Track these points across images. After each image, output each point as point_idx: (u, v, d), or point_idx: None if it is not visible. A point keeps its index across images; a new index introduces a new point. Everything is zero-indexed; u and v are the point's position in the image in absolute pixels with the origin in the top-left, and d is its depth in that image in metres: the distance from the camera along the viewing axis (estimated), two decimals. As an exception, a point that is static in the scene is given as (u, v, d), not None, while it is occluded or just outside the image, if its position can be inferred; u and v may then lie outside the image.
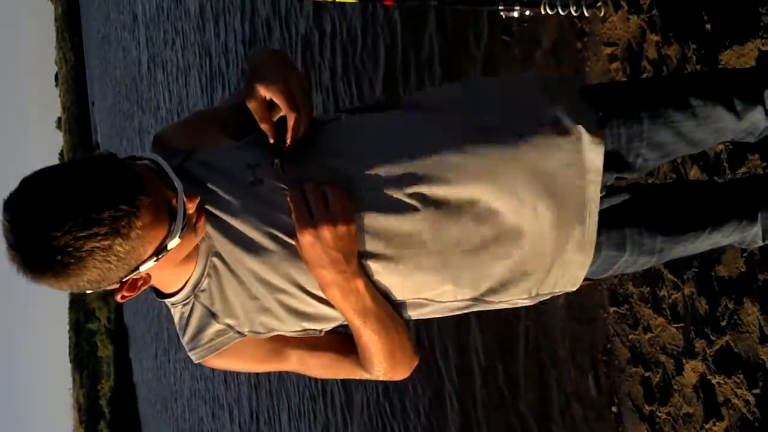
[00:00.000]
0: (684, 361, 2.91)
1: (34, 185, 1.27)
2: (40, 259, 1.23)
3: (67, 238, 1.21)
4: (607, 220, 1.58)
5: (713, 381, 2.73)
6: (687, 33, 2.84)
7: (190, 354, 1.51)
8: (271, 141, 1.45)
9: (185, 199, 1.35)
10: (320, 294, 1.46)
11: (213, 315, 1.48)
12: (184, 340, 1.51)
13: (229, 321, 1.48)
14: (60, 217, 1.22)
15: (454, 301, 1.53)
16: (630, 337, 3.31)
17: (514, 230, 1.48)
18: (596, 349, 3.59)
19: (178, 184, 1.36)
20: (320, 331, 1.53)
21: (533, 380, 4.17)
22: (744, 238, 1.81)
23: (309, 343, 1.54)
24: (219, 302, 1.48)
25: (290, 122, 1.43)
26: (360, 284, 1.43)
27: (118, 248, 1.26)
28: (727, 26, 2.62)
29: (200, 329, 1.49)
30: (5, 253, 1.28)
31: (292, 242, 1.42)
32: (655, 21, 3.04)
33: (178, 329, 1.52)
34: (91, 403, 64.90)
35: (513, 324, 4.25)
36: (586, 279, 1.60)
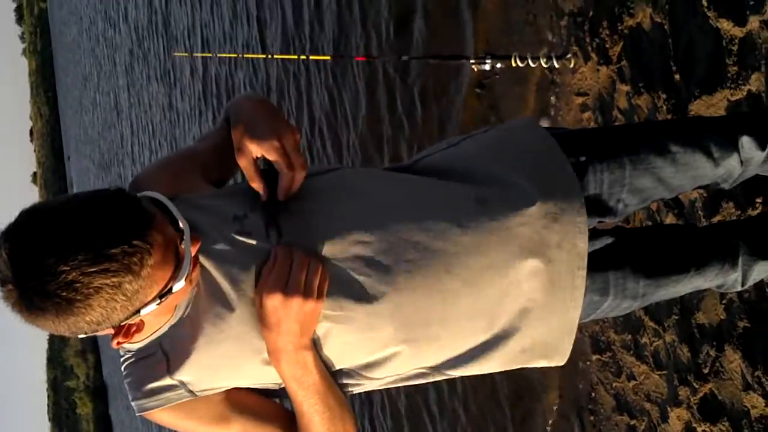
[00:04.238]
0: (669, 408, 2.90)
1: (39, 216, 1.18)
2: (43, 294, 1.14)
3: (75, 272, 1.13)
4: (591, 264, 1.57)
5: (699, 429, 2.72)
6: (656, 83, 2.89)
7: (133, 403, 1.43)
8: (264, 199, 1.40)
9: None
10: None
11: (169, 367, 1.40)
12: (130, 387, 1.43)
13: (183, 378, 1.40)
14: (69, 250, 1.14)
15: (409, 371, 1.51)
16: (614, 384, 3.30)
17: (492, 307, 1.47)
18: (581, 397, 3.58)
19: (184, 224, 1.29)
20: (278, 384, 1.47)
21: (518, 430, 4.14)
22: (724, 282, 1.82)
23: (256, 413, 1.47)
24: (181, 355, 1.40)
25: (284, 182, 1.38)
26: (309, 358, 1.38)
27: (127, 286, 1.18)
28: (696, 76, 2.66)
29: (152, 380, 1.41)
30: None
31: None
32: (624, 71, 3.08)
33: (125, 375, 1.44)
34: (72, 462, 63.64)
35: (493, 375, 4.22)
36: None
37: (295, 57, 4.56)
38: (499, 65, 3.40)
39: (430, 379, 1.54)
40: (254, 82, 7.94)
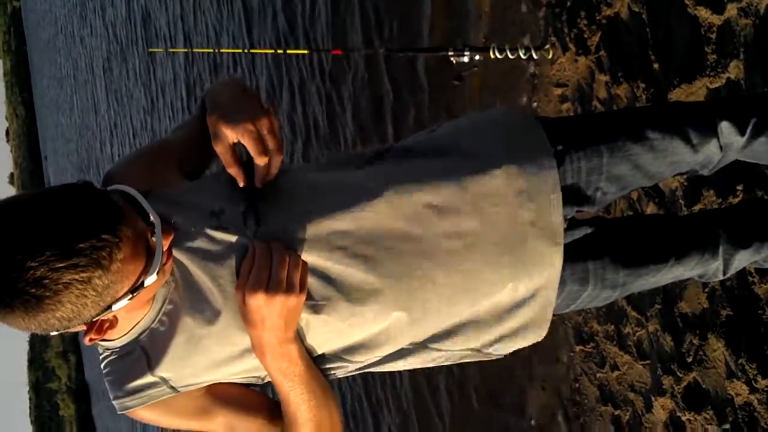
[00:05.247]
0: (653, 398, 2.90)
1: (5, 211, 1.16)
2: (11, 292, 1.12)
3: (44, 269, 1.11)
4: (570, 254, 1.56)
5: (683, 418, 2.72)
6: (635, 72, 2.88)
7: (114, 402, 1.42)
8: (241, 185, 1.38)
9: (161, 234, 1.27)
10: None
11: (149, 364, 1.39)
12: (111, 386, 1.41)
13: (164, 374, 1.39)
14: (36, 246, 1.12)
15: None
16: (598, 375, 3.30)
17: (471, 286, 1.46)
18: (565, 388, 3.57)
19: (155, 217, 1.27)
20: (261, 378, 1.47)
21: (502, 423, 4.13)
22: (706, 271, 1.81)
23: (239, 403, 1.47)
24: (161, 352, 1.38)
25: (259, 169, 1.36)
26: (294, 350, 1.37)
27: (97, 282, 1.17)
28: (675, 65, 2.66)
29: (133, 378, 1.39)
30: None
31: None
32: (603, 61, 3.08)
33: (105, 373, 1.42)
34: (55, 464, 63.26)
35: (480, 367, 4.22)
36: None
37: (272, 51, 4.52)
38: (477, 57, 3.39)
39: (412, 357, 1.52)
40: (243, 74, 7.89)
